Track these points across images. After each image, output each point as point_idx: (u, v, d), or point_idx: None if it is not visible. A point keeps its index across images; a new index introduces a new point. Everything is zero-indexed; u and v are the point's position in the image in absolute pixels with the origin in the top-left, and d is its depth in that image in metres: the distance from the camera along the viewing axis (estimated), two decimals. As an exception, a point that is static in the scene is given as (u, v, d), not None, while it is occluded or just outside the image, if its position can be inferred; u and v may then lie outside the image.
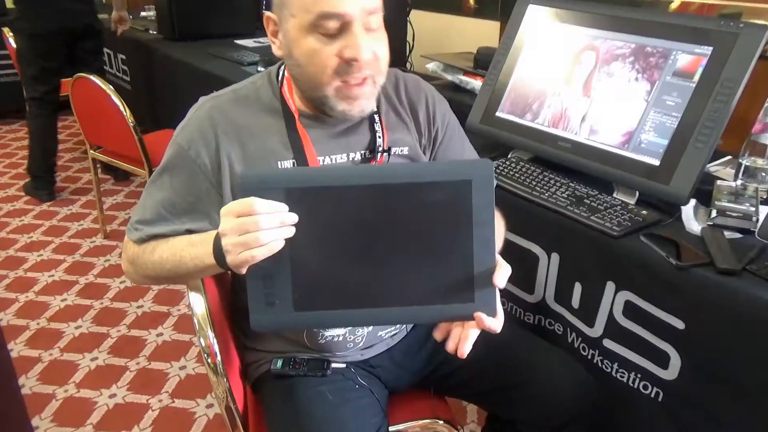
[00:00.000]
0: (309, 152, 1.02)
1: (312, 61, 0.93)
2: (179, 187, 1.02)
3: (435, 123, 1.16)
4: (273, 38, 1.00)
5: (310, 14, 0.89)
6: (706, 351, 1.12)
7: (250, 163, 1.01)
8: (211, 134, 1.00)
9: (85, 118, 2.61)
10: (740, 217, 1.22)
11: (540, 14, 1.58)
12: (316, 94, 0.97)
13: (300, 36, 0.92)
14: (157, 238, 1.03)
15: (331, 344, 1.12)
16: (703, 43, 1.28)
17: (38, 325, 2.25)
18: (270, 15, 0.98)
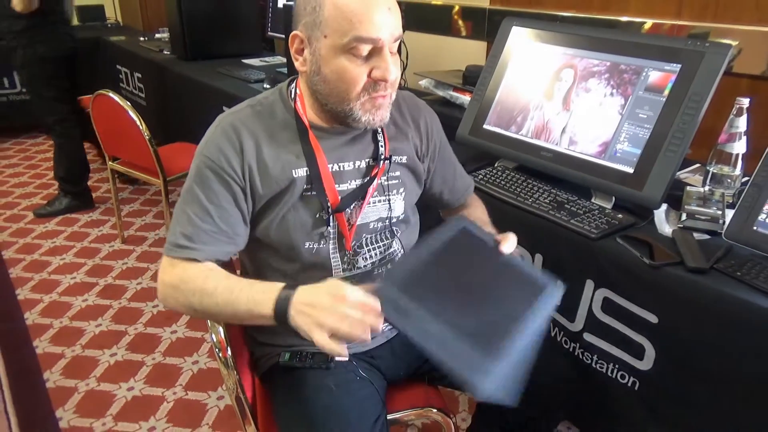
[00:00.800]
0: (320, 160, 1.03)
1: (343, 78, 0.94)
2: (213, 196, 0.99)
3: (432, 138, 1.19)
4: (297, 55, 0.99)
5: (345, 37, 0.91)
6: (678, 343, 1.13)
7: (265, 172, 1.00)
8: (236, 142, 0.99)
9: (104, 132, 2.61)
10: (708, 220, 1.23)
11: (523, 35, 1.59)
12: (341, 107, 0.98)
13: (332, 55, 0.93)
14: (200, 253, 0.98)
15: None
16: (672, 61, 1.29)
17: (61, 324, 2.24)
18: (297, 33, 0.97)
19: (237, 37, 3.35)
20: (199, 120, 2.96)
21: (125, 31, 4.65)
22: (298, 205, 1.04)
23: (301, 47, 0.98)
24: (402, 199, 1.15)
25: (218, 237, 0.99)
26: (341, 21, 0.91)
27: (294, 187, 1.02)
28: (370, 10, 0.91)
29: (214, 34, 3.26)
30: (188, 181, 1.01)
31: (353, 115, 0.98)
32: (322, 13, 0.92)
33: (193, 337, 2.17)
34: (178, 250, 0.98)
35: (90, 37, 4.34)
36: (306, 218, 1.04)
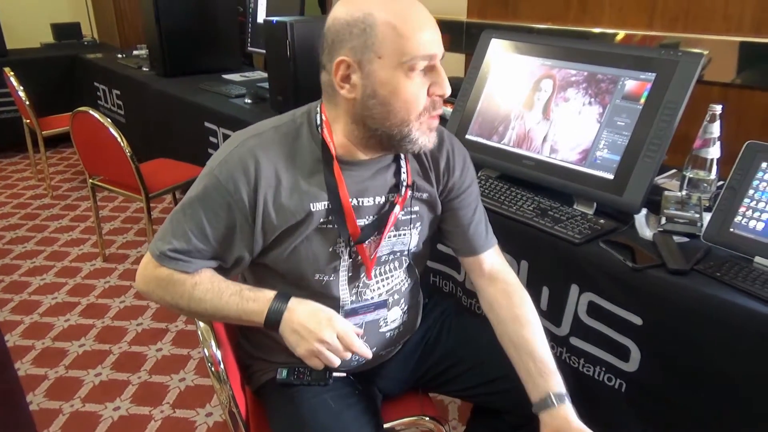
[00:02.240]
0: (343, 194, 0.99)
1: (405, 98, 0.91)
2: (213, 218, 0.96)
3: (453, 174, 1.12)
4: (343, 83, 0.93)
5: (405, 56, 0.89)
6: (662, 344, 1.15)
7: (284, 202, 0.97)
8: (252, 173, 0.95)
9: (84, 150, 2.58)
10: (686, 223, 1.26)
11: (502, 47, 1.63)
12: (398, 130, 0.94)
13: (390, 76, 0.90)
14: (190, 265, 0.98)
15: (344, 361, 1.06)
16: (647, 70, 1.33)
17: (43, 345, 2.20)
18: (344, 59, 0.91)
19: (217, 53, 3.35)
20: (181, 136, 2.95)
21: (102, 48, 4.63)
22: (313, 237, 1.01)
23: (348, 73, 0.92)
24: (418, 233, 1.12)
25: (210, 256, 0.99)
26: (397, 39, 0.88)
27: (311, 219, 0.99)
28: (424, 27, 0.90)
29: (194, 50, 3.27)
30: (193, 192, 0.98)
31: (410, 136, 0.95)
32: (375, 34, 0.88)
33: (179, 354, 2.14)
34: (168, 261, 0.98)
35: (66, 55, 4.32)
36: (319, 251, 1.02)
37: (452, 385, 1.23)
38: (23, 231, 3.18)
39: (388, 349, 1.18)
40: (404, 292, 1.15)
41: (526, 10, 2.22)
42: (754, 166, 1.18)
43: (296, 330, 0.94)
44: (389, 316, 1.13)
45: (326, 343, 0.93)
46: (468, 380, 1.20)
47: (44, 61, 4.31)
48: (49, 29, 4.77)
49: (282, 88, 2.26)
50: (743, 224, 1.16)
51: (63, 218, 3.34)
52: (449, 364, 1.22)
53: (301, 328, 0.94)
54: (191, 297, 0.98)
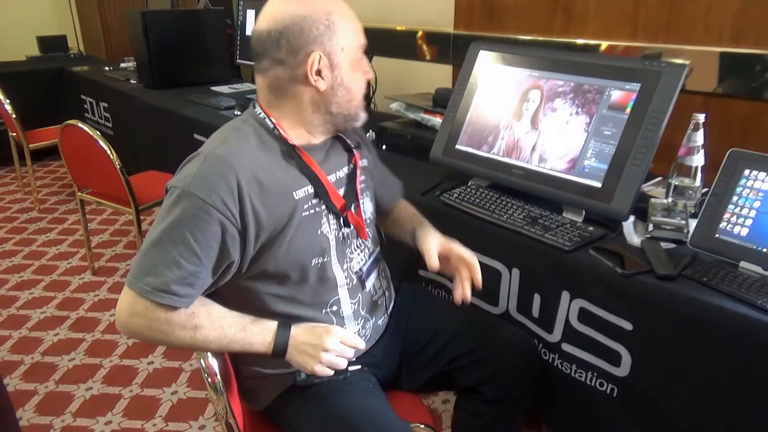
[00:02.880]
0: (320, 175, 1.08)
1: (361, 82, 1.08)
2: (202, 238, 0.94)
3: (369, 145, 1.29)
4: (318, 77, 1.02)
5: (357, 46, 1.05)
6: (652, 348, 1.17)
7: (270, 201, 0.99)
8: (233, 181, 0.95)
9: (73, 163, 2.57)
10: (673, 229, 1.29)
11: (490, 58, 1.65)
12: (353, 111, 1.09)
13: (350, 65, 1.05)
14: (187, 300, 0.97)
15: None
16: (632, 81, 1.36)
17: (33, 360, 2.17)
18: (317, 55, 0.99)
19: (205, 65, 3.35)
20: (170, 148, 2.95)
21: (89, 61, 4.61)
22: (301, 224, 1.04)
23: (321, 67, 1.01)
24: (371, 201, 1.24)
25: (204, 278, 0.98)
26: (351, 32, 1.03)
27: (297, 207, 1.03)
28: (358, 21, 1.06)
29: (182, 62, 3.27)
30: (169, 218, 0.95)
31: (358, 114, 1.10)
32: (337, 29, 1.01)
33: (171, 367, 2.13)
34: (162, 296, 0.94)
35: (52, 68, 4.29)
36: (311, 236, 1.07)
37: (434, 365, 1.28)
38: (10, 245, 3.14)
39: (381, 318, 1.25)
40: (377, 257, 1.25)
41: (511, 22, 2.26)
42: (737, 173, 1.20)
43: (303, 350, 1.02)
44: (375, 283, 1.23)
45: (331, 350, 1.01)
46: (447, 354, 1.27)
47: (30, 74, 4.28)
48: (35, 42, 4.75)
49: (272, 99, 2.26)
50: (728, 230, 1.19)
51: (51, 232, 3.30)
52: (427, 340, 1.29)
53: (306, 346, 1.02)
54: (194, 340, 0.99)
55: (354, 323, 1.17)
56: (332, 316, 1.13)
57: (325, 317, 1.12)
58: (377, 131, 2.08)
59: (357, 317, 1.17)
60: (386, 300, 1.27)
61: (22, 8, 5.12)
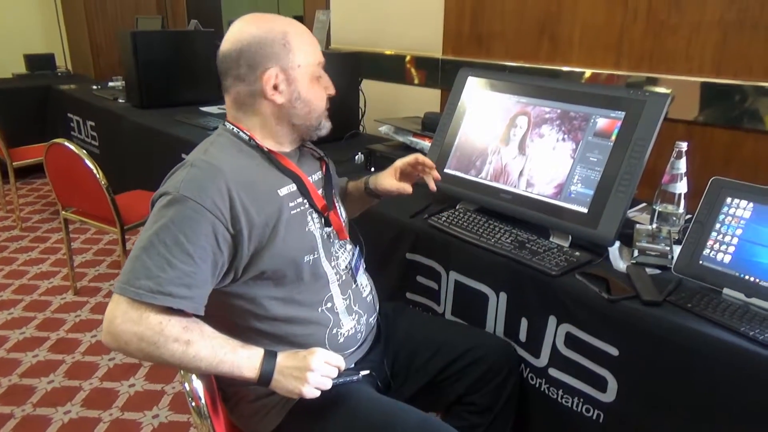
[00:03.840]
0: (300, 174, 1.15)
1: (319, 96, 1.15)
2: (195, 239, 0.97)
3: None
4: (275, 92, 1.09)
5: (314, 63, 1.13)
6: (638, 374, 1.18)
7: (259, 199, 1.05)
8: (221, 182, 1.00)
9: (58, 181, 2.55)
10: (658, 255, 1.30)
11: (479, 84, 1.68)
12: (315, 122, 1.16)
13: (307, 80, 1.12)
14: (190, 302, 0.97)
15: (348, 340, 1.20)
16: (617, 109, 1.39)
17: (10, 382, 2.13)
18: (274, 71, 1.07)
19: (194, 86, 3.37)
20: (157, 167, 2.93)
21: (76, 79, 4.60)
22: (290, 222, 1.09)
23: (277, 83, 1.09)
24: (342, 204, 1.32)
25: (199, 276, 0.98)
26: (307, 50, 1.12)
27: (283, 205, 1.09)
28: (315, 42, 1.16)
29: (171, 82, 3.28)
30: (160, 221, 0.97)
31: (321, 125, 1.18)
32: (292, 47, 1.09)
33: (153, 389, 2.09)
34: (156, 297, 0.94)
35: (39, 86, 4.28)
36: (301, 233, 1.12)
37: (422, 376, 1.31)
38: (-10, 264, 3.09)
39: (373, 316, 1.29)
40: (359, 257, 1.28)
41: (499, 48, 2.30)
42: (720, 201, 1.23)
43: (289, 374, 1.02)
44: (362, 281, 1.27)
45: (316, 370, 1.02)
46: (434, 365, 1.31)
47: (16, 91, 4.27)
48: (22, 60, 4.74)
49: (261, 121, 2.27)
50: (711, 257, 1.20)
51: (32, 250, 3.26)
52: (412, 351, 1.33)
53: (292, 370, 1.02)
54: (184, 355, 0.96)
55: (349, 318, 1.20)
56: (328, 314, 1.17)
57: (321, 315, 1.16)
58: (366, 153, 2.09)
59: (350, 312, 1.21)
60: (374, 298, 1.32)
61: (9, 26, 5.11)
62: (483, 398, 1.30)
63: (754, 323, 1.07)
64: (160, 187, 1.03)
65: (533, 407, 1.41)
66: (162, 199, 1.00)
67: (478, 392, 1.30)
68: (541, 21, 2.12)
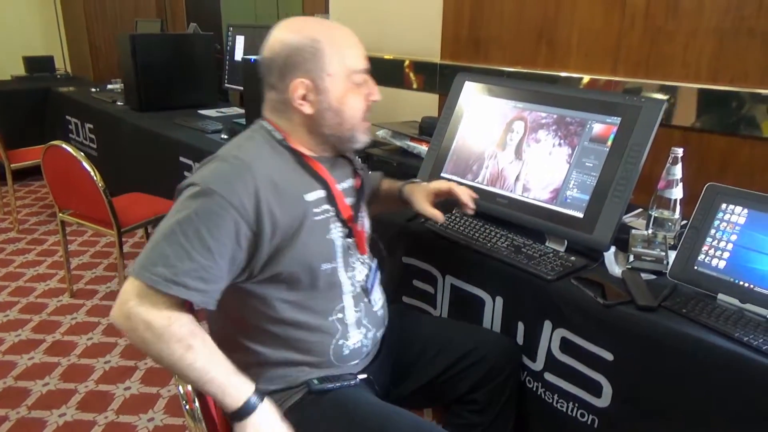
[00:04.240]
0: (330, 181, 1.13)
1: (352, 107, 1.11)
2: (217, 234, 0.97)
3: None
4: (302, 101, 1.07)
5: (348, 71, 1.09)
6: (632, 379, 1.18)
7: (285, 201, 1.04)
8: (251, 182, 1.00)
9: (55, 183, 2.55)
10: (653, 261, 1.31)
11: (475, 89, 1.69)
12: (347, 134, 1.13)
13: (340, 90, 1.09)
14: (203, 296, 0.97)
15: (353, 353, 1.18)
16: (612, 114, 1.40)
17: (5, 384, 2.12)
18: (302, 80, 1.06)
19: (193, 89, 3.38)
20: (155, 170, 2.94)
21: (75, 81, 4.61)
22: (312, 227, 1.08)
23: (306, 93, 1.07)
24: (367, 216, 1.29)
25: (216, 271, 0.98)
26: (342, 59, 1.08)
27: (308, 209, 1.08)
28: (357, 47, 1.11)
29: (170, 85, 3.29)
30: (184, 211, 0.97)
31: (354, 137, 1.14)
32: (323, 56, 1.06)
33: (148, 393, 2.09)
34: (174, 288, 0.94)
35: (38, 88, 4.29)
36: (321, 240, 1.11)
37: (425, 377, 1.32)
38: (-14, 266, 3.09)
39: (381, 330, 1.27)
40: (376, 271, 1.27)
41: (496, 53, 2.31)
42: (715, 207, 1.23)
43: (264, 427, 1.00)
44: (375, 296, 1.25)
45: None
46: (438, 364, 1.31)
47: (15, 93, 4.27)
48: (21, 62, 4.74)
49: (259, 124, 2.28)
50: (706, 262, 1.21)
51: (29, 253, 3.26)
52: (416, 353, 1.33)
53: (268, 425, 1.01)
54: (181, 359, 0.96)
55: (357, 331, 1.19)
56: (337, 324, 1.16)
57: (330, 325, 1.15)
58: (363, 157, 2.09)
59: (359, 326, 1.20)
60: (384, 313, 1.30)
61: (8, 28, 5.12)
62: (484, 396, 1.31)
63: (748, 329, 1.07)
64: (190, 176, 1.04)
65: (530, 411, 1.41)
66: (189, 190, 1.00)
67: (480, 390, 1.31)
68: (538, 26, 2.13)
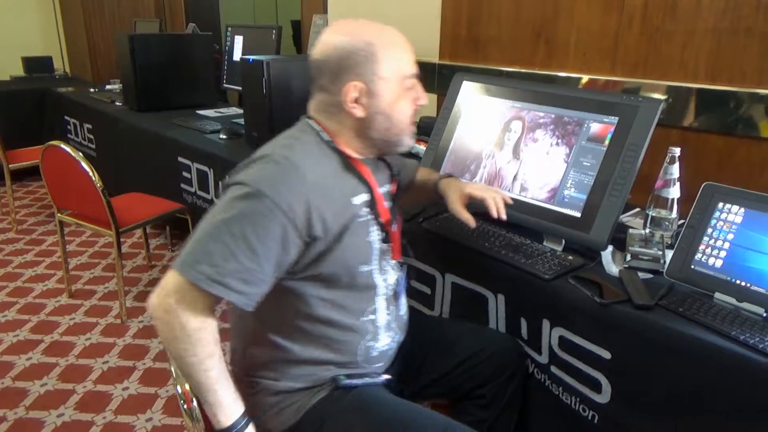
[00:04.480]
0: (373, 185, 1.13)
1: (403, 111, 1.11)
2: (265, 238, 0.96)
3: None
4: (354, 104, 1.07)
5: (400, 75, 1.09)
6: (630, 377, 1.19)
7: (335, 205, 1.04)
8: (301, 187, 1.00)
9: (53, 184, 2.55)
10: (650, 260, 1.31)
11: (473, 89, 1.69)
12: (395, 138, 1.13)
13: (391, 94, 1.08)
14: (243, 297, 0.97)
15: (380, 355, 1.20)
16: (610, 114, 1.40)
17: (3, 385, 2.12)
18: (355, 83, 1.05)
19: (192, 89, 3.38)
20: (153, 170, 2.94)
21: (74, 82, 4.62)
22: (355, 230, 1.08)
23: (358, 96, 1.07)
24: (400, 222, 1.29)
25: (259, 274, 0.98)
26: (394, 62, 1.08)
27: (354, 212, 1.08)
28: (407, 50, 1.12)
29: (168, 85, 3.29)
30: (231, 211, 0.97)
31: (401, 141, 1.15)
32: (377, 60, 1.06)
33: (147, 393, 2.09)
34: (216, 287, 0.94)
35: (37, 88, 4.29)
36: (361, 242, 1.11)
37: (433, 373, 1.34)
38: (-16, 266, 3.09)
39: (404, 334, 1.28)
40: (405, 276, 1.26)
41: (495, 53, 2.31)
42: (712, 206, 1.24)
43: None
44: (402, 300, 1.26)
45: None
46: (445, 365, 1.33)
47: (13, 93, 4.27)
48: (20, 62, 4.75)
49: (257, 124, 2.29)
50: (703, 261, 1.21)
51: (27, 253, 3.26)
52: (422, 350, 1.33)
53: None
54: (199, 364, 0.97)
55: (386, 335, 1.20)
56: (369, 325, 1.16)
57: (362, 325, 1.16)
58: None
59: (388, 329, 1.21)
60: (407, 319, 1.31)
61: (7, 28, 5.13)
62: (491, 391, 1.33)
63: (744, 327, 1.08)
64: (237, 174, 1.03)
65: (537, 401, 1.42)
66: (237, 189, 0.99)
67: (485, 387, 1.33)
68: (537, 26, 2.14)
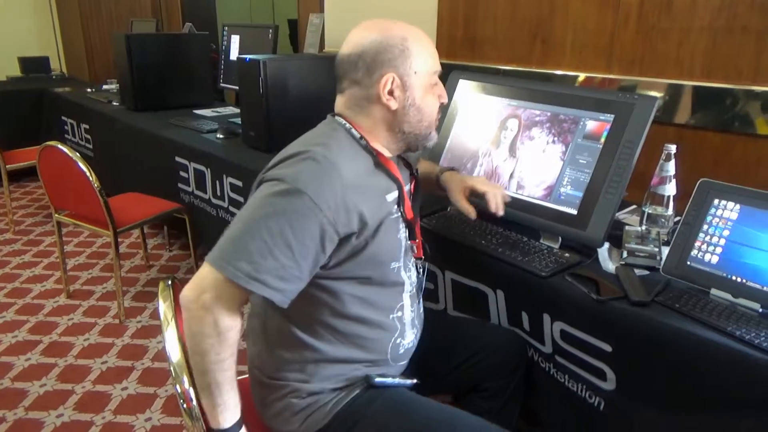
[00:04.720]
0: (402, 182, 1.14)
1: (432, 106, 1.15)
2: (302, 237, 0.97)
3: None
4: (390, 97, 1.09)
5: (431, 71, 1.13)
6: (634, 368, 1.20)
7: (372, 202, 1.06)
8: (339, 186, 1.00)
9: (51, 184, 2.55)
10: (646, 257, 1.32)
11: (470, 87, 1.70)
12: (425, 132, 1.15)
13: (423, 88, 1.12)
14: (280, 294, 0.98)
15: (406, 352, 1.22)
16: (606, 112, 1.41)
17: (1, 386, 2.12)
18: (392, 75, 1.08)
19: (188, 89, 3.38)
20: (151, 170, 2.94)
21: (71, 82, 4.61)
22: (387, 226, 1.09)
23: (393, 88, 1.09)
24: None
25: (296, 272, 0.99)
26: (426, 58, 1.11)
27: (387, 210, 1.10)
28: (434, 49, 1.15)
29: (165, 85, 3.29)
30: (269, 208, 0.98)
31: (430, 136, 1.17)
32: (411, 54, 1.09)
33: (146, 393, 2.10)
34: (254, 284, 0.95)
35: (33, 89, 4.28)
36: (392, 239, 1.12)
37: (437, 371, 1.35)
38: (-18, 267, 3.09)
39: (419, 334, 1.28)
40: (424, 274, 1.26)
41: (491, 52, 2.32)
42: (707, 203, 1.24)
43: None
44: (421, 297, 1.28)
45: None
46: (448, 363, 1.36)
47: (10, 94, 4.26)
48: (16, 62, 4.74)
49: (254, 123, 2.29)
50: (699, 258, 1.22)
51: (25, 254, 3.26)
52: (426, 348, 1.32)
53: None
54: (216, 363, 0.99)
55: (411, 331, 1.22)
56: (396, 323, 1.18)
57: (391, 323, 1.17)
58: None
59: (413, 326, 1.22)
60: (425, 315, 1.32)
61: (4, 28, 5.12)
62: (494, 384, 1.36)
63: (740, 323, 1.09)
64: (274, 169, 1.03)
65: (544, 389, 1.43)
66: (275, 185, 0.99)
67: (490, 380, 1.35)
68: (533, 25, 2.14)
